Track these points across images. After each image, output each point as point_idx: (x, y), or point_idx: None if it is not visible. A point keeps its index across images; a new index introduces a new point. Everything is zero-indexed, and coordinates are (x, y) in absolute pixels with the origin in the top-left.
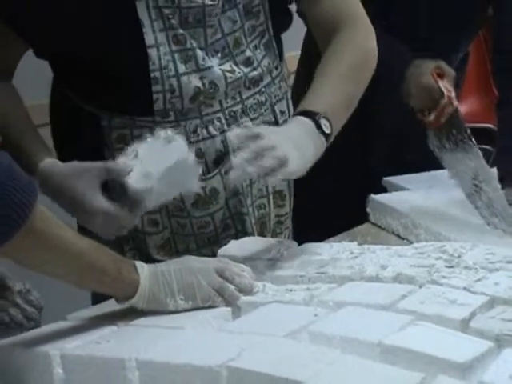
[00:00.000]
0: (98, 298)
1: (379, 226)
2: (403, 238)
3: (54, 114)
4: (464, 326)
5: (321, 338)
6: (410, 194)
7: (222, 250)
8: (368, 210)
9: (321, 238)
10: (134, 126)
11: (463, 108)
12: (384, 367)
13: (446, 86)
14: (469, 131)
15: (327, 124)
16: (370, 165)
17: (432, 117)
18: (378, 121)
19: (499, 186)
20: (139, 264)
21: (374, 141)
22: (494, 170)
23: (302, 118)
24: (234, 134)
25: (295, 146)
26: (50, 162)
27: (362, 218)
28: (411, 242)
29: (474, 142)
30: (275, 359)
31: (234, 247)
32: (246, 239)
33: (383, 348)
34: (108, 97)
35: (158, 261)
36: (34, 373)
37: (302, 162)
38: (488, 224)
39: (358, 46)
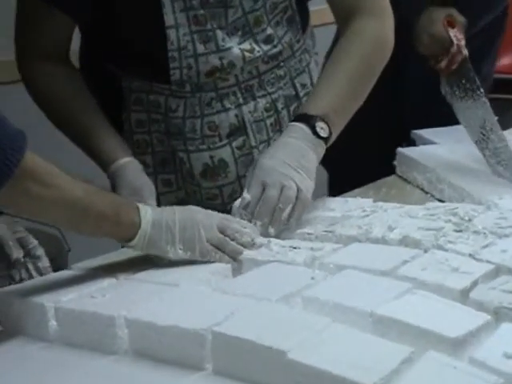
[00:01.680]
0: None
1: (405, 180)
2: (427, 193)
3: (83, 73)
4: (463, 296)
5: (314, 303)
6: (437, 148)
7: (237, 202)
8: (395, 163)
9: (353, 188)
10: (151, 91)
11: (506, 60)
12: (373, 339)
13: (456, 35)
14: (478, 81)
15: (324, 127)
16: (403, 115)
17: (443, 64)
18: (413, 70)
19: (504, 135)
20: (143, 207)
21: (408, 90)
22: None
23: (297, 124)
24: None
25: (295, 166)
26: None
27: (392, 169)
28: (434, 197)
29: (482, 91)
30: (262, 326)
31: None
32: None
33: (375, 318)
34: (129, 61)
35: None
36: (31, 322)
37: (308, 181)
38: (493, 173)
39: (372, 36)
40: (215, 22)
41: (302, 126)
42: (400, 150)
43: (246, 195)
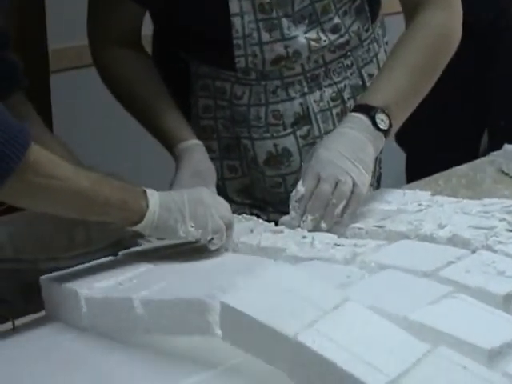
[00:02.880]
0: None
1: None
2: None
3: (154, 57)
4: (507, 302)
5: None
6: None
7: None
8: (500, 159)
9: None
10: (217, 77)
11: None
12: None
13: None
14: None
15: (385, 119)
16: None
17: None
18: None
19: None
20: (150, 191)
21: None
22: None
23: (357, 115)
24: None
25: (353, 159)
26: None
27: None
28: None
29: None
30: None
31: None
32: None
33: (408, 323)
34: (196, 48)
35: (238, 203)
36: (66, 309)
37: (364, 176)
38: None
39: (439, 28)
40: (281, 10)
41: (361, 117)
42: (507, 146)
43: (300, 187)
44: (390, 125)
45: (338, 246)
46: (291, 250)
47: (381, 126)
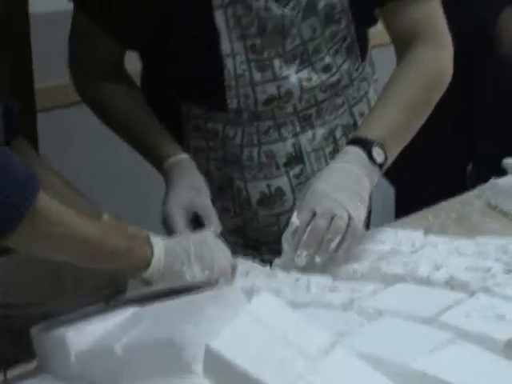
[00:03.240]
0: None
1: (499, 210)
2: None
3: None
4: (508, 348)
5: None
6: None
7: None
8: (488, 193)
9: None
10: (209, 118)
11: None
12: None
13: None
14: None
15: (380, 152)
16: (474, 132)
17: None
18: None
19: None
20: (154, 237)
21: (481, 107)
22: None
23: (352, 148)
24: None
25: (349, 193)
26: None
27: (459, 188)
28: None
29: None
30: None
31: None
32: None
33: (410, 372)
34: (187, 89)
35: (231, 243)
36: (56, 357)
37: (361, 210)
38: None
39: (431, 66)
40: (273, 51)
41: (358, 150)
42: (494, 180)
43: (295, 220)
44: (386, 159)
45: (335, 289)
46: (288, 296)
47: (377, 160)
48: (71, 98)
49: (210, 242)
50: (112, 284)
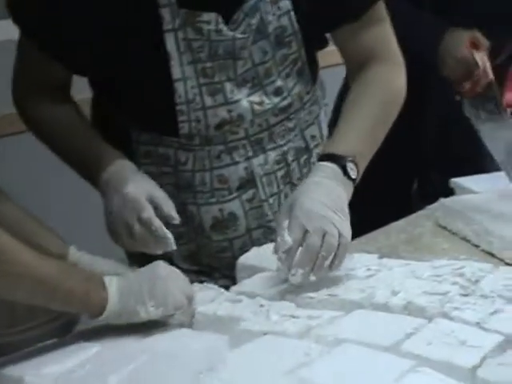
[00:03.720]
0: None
1: (449, 230)
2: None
3: (93, 123)
4: (473, 373)
5: None
6: (481, 198)
7: (242, 258)
8: (437, 213)
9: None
10: (160, 144)
11: None
12: None
13: (481, 58)
14: (504, 103)
15: (354, 168)
16: (421, 154)
17: (467, 86)
18: (429, 105)
19: None
20: (108, 279)
21: (425, 127)
22: None
23: (327, 164)
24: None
25: (334, 208)
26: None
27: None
28: (483, 249)
29: (508, 114)
30: None
31: (254, 255)
32: (269, 245)
33: None
34: (136, 114)
35: (184, 270)
36: None
37: (346, 223)
38: None
39: (388, 84)
40: (224, 74)
41: (332, 166)
42: (443, 200)
43: (288, 238)
44: (358, 173)
45: (293, 317)
46: (246, 323)
47: (351, 175)
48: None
49: (164, 275)
50: (65, 315)
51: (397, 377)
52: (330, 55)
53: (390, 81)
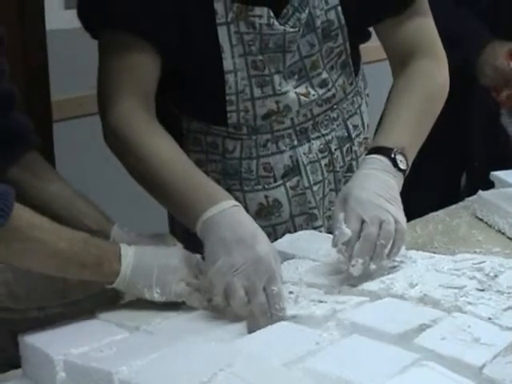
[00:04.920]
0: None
1: (485, 222)
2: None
3: None
4: (479, 372)
5: (313, 373)
6: None
7: (275, 244)
8: (475, 205)
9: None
10: (209, 132)
11: None
12: None
13: None
14: None
15: (403, 160)
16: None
17: (504, 95)
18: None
19: None
20: (125, 249)
21: (471, 126)
22: None
23: (377, 156)
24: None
25: (388, 198)
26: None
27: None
28: None
29: None
30: None
31: (287, 242)
32: (301, 233)
33: None
34: (188, 103)
35: None
36: (42, 370)
37: (401, 212)
38: None
39: (432, 78)
40: (273, 67)
41: (381, 158)
42: (481, 193)
43: (347, 230)
44: (407, 165)
45: (320, 302)
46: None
47: (401, 166)
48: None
49: (175, 265)
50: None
51: (400, 370)
52: (376, 51)
53: (435, 74)
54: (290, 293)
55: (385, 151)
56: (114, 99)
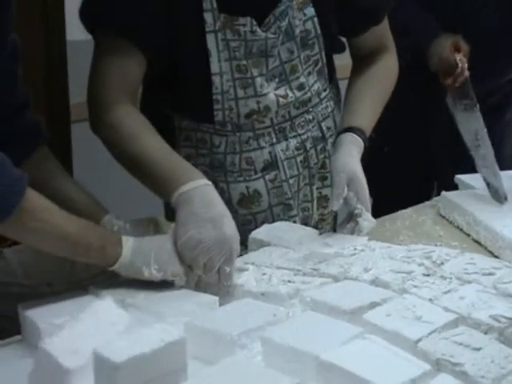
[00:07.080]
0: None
1: (447, 219)
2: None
3: (141, 111)
4: (415, 345)
5: (269, 343)
6: (477, 193)
7: (253, 233)
8: (439, 204)
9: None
10: (198, 129)
11: None
12: None
13: (460, 59)
14: (475, 98)
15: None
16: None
17: (449, 81)
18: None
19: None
20: (125, 238)
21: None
22: None
23: (353, 135)
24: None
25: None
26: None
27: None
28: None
29: (478, 106)
30: None
31: (264, 231)
32: (277, 224)
33: (319, 363)
34: (179, 103)
35: None
36: (33, 337)
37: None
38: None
39: (391, 71)
40: (256, 70)
41: (355, 137)
42: (444, 193)
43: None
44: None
45: (289, 282)
46: (248, 286)
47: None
48: None
49: (169, 248)
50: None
51: (344, 341)
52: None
53: (392, 68)
54: (263, 274)
55: (355, 131)
56: (104, 94)
